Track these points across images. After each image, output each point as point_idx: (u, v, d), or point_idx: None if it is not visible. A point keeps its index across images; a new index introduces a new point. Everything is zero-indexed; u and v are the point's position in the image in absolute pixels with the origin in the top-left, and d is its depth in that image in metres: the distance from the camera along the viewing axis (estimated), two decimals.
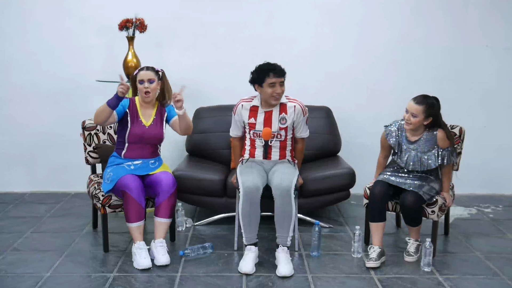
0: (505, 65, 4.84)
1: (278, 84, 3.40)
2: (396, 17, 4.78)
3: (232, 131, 3.70)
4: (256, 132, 3.54)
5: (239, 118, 3.58)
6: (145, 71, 3.52)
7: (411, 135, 3.51)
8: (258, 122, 3.51)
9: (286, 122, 3.51)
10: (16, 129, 4.89)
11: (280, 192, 3.32)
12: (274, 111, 3.52)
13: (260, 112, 3.52)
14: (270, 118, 3.51)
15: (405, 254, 3.51)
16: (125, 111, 3.51)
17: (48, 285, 3.12)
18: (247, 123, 3.55)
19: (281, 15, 4.78)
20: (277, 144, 3.55)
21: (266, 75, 3.39)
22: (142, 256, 3.34)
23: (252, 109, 3.54)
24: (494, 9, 4.76)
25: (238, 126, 3.64)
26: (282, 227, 3.36)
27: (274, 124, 3.50)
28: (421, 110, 3.36)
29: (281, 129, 3.51)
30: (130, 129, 3.51)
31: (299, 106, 3.54)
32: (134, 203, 3.36)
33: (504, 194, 5.04)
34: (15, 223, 4.15)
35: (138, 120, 3.53)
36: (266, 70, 3.40)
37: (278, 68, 3.42)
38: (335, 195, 4.08)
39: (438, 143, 3.44)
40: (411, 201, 3.37)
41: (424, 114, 3.37)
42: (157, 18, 4.59)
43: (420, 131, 3.49)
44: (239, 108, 3.57)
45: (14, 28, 4.73)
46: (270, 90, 3.41)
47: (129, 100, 3.57)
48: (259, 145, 3.56)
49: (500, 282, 3.22)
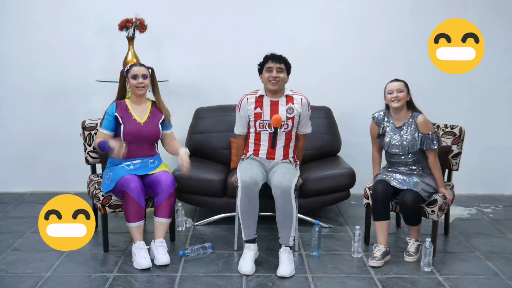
0: (505, 65, 4.84)
1: (274, 69, 3.48)
2: (396, 17, 4.79)
3: (237, 128, 3.69)
4: (262, 123, 3.54)
5: (244, 113, 3.59)
6: (138, 67, 3.54)
7: (396, 120, 3.57)
8: (265, 112, 3.53)
9: (294, 112, 3.54)
10: (16, 129, 4.89)
11: (280, 191, 3.32)
12: (280, 101, 3.54)
13: (266, 102, 3.55)
14: (276, 107, 3.54)
15: (405, 254, 3.51)
16: (114, 115, 3.50)
17: (48, 285, 3.12)
18: (253, 114, 3.55)
19: (281, 15, 4.78)
20: (282, 137, 3.55)
21: (265, 61, 3.54)
22: (142, 256, 3.34)
23: (258, 100, 3.57)
24: (494, 9, 4.77)
25: (243, 122, 3.63)
26: (283, 227, 3.36)
27: (282, 114, 3.52)
28: (403, 85, 3.54)
29: (289, 118, 3.53)
30: (124, 128, 3.49)
31: (305, 100, 3.60)
32: (134, 203, 3.36)
33: (504, 194, 5.04)
34: (15, 223, 4.16)
35: (132, 119, 3.52)
36: (265, 57, 3.56)
37: (277, 55, 3.53)
38: (335, 195, 4.09)
39: (419, 128, 3.48)
40: (409, 200, 3.37)
41: (406, 89, 3.54)
42: (157, 18, 4.59)
43: (403, 113, 3.55)
44: (243, 102, 3.58)
45: (14, 28, 4.73)
46: (267, 75, 3.49)
47: (115, 104, 3.55)
48: (265, 139, 3.56)
49: (500, 282, 3.22)
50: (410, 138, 3.49)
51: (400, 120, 3.56)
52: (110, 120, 3.50)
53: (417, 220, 3.49)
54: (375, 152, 3.75)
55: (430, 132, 3.49)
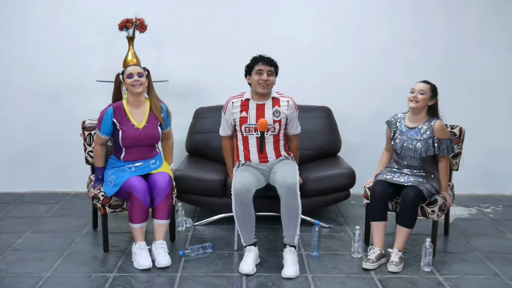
0: (505, 65, 4.84)
1: (265, 72, 3.44)
2: (396, 17, 4.79)
3: (221, 130, 3.68)
4: (249, 127, 3.52)
5: (229, 117, 3.56)
6: (133, 66, 3.52)
7: (410, 121, 3.56)
8: (251, 116, 3.50)
9: (280, 115, 3.51)
10: (17, 129, 4.89)
11: (286, 189, 3.32)
12: (266, 104, 3.51)
13: (252, 106, 3.51)
14: (262, 111, 3.50)
15: (389, 264, 3.34)
16: (112, 121, 3.48)
17: (48, 285, 3.12)
18: (239, 118, 3.52)
19: (281, 15, 4.78)
20: (270, 140, 3.53)
21: (255, 63, 3.48)
22: (142, 256, 3.34)
23: (244, 104, 3.53)
24: (494, 9, 4.76)
25: (227, 125, 3.61)
26: (288, 226, 3.35)
27: (268, 117, 3.49)
28: (429, 88, 3.50)
29: (275, 121, 3.50)
30: (122, 135, 3.46)
31: (292, 102, 3.57)
32: (140, 205, 3.36)
33: (504, 194, 5.04)
34: (15, 223, 4.15)
35: (130, 124, 3.48)
36: (255, 59, 3.51)
37: (267, 58, 3.49)
38: (335, 195, 4.08)
39: (435, 133, 3.47)
40: (411, 195, 3.36)
41: (431, 93, 3.49)
42: (157, 18, 4.59)
43: (421, 116, 3.53)
44: (229, 106, 3.56)
45: (14, 28, 4.73)
46: (257, 77, 3.45)
47: (112, 108, 3.50)
48: (253, 143, 3.54)
49: (500, 282, 3.22)
50: (424, 142, 3.47)
51: (415, 122, 3.54)
52: (108, 126, 3.47)
53: (412, 220, 3.40)
54: (385, 150, 3.76)
55: (446, 138, 3.48)
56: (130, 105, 3.53)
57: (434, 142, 3.47)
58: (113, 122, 3.47)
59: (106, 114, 3.48)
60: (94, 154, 3.58)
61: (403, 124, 3.59)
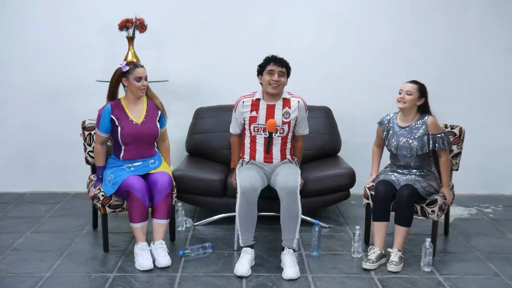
0: (505, 65, 4.84)
1: (276, 73, 3.43)
2: (396, 17, 4.79)
3: (232, 128, 3.69)
4: (257, 126, 3.52)
5: (239, 115, 3.57)
6: (141, 68, 3.51)
7: (402, 121, 3.56)
8: (260, 115, 3.50)
9: (290, 116, 3.51)
10: (16, 129, 4.89)
11: (286, 192, 3.32)
12: (276, 104, 3.51)
13: (262, 106, 3.52)
14: (272, 111, 3.50)
15: (388, 264, 3.35)
16: (110, 117, 3.48)
17: (48, 285, 3.12)
18: (248, 118, 3.53)
19: (281, 15, 4.78)
20: (278, 141, 3.54)
21: (267, 63, 3.48)
22: (144, 257, 3.33)
23: (254, 103, 3.53)
24: (494, 9, 4.76)
25: (237, 123, 3.63)
26: (288, 229, 3.35)
27: (278, 118, 3.49)
28: (416, 88, 3.50)
29: (284, 123, 3.51)
30: (121, 131, 3.47)
31: (302, 102, 3.56)
32: (139, 204, 3.36)
33: (504, 194, 5.04)
34: (15, 223, 4.15)
35: (128, 120, 3.49)
36: (267, 59, 3.50)
37: (279, 59, 3.48)
38: (335, 195, 4.09)
39: (429, 129, 3.48)
40: (406, 193, 3.37)
41: (418, 93, 3.50)
42: (157, 18, 4.59)
43: (412, 116, 3.54)
44: (239, 105, 3.57)
45: (14, 28, 4.73)
46: (268, 78, 3.44)
47: (110, 106, 3.50)
48: (260, 142, 3.55)
49: (500, 282, 3.22)
50: (419, 140, 3.48)
51: (406, 121, 3.55)
52: (107, 123, 3.48)
53: (408, 218, 3.40)
54: (375, 146, 3.77)
55: (440, 133, 3.49)
56: (129, 102, 3.55)
57: (429, 139, 3.48)
58: (111, 119, 3.47)
59: (104, 112, 3.48)
60: (95, 153, 3.58)
61: (395, 123, 3.59)
